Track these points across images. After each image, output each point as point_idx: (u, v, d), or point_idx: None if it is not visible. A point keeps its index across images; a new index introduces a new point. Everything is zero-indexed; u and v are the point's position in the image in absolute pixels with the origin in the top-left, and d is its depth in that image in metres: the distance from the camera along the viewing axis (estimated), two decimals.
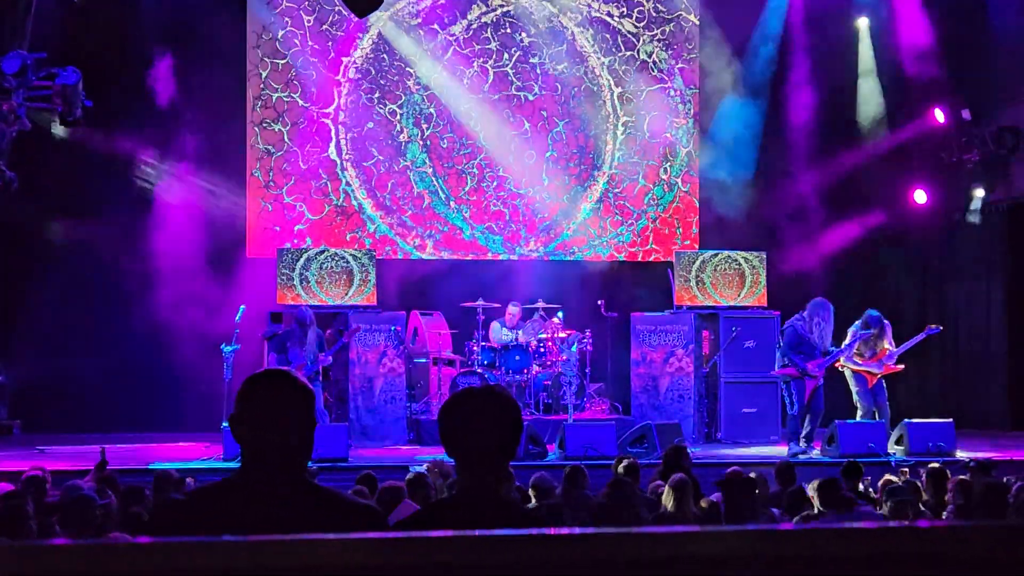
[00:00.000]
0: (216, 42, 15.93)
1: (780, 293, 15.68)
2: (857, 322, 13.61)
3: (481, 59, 17.14)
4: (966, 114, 16.38)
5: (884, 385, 13.54)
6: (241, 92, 16.48)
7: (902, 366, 13.67)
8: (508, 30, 17.18)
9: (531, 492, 8.11)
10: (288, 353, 13.10)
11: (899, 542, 1.59)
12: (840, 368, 13.62)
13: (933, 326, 14.01)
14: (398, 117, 16.97)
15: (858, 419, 13.37)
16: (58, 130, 13.89)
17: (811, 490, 7.91)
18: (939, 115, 16.78)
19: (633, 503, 7.27)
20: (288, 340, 13.19)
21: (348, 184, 16.83)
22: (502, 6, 17.14)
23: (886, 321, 13.62)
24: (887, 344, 13.51)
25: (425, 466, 8.43)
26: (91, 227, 15.52)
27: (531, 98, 17.24)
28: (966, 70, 16.57)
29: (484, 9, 17.13)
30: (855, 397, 13.53)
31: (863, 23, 17.27)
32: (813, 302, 13.37)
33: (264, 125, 16.60)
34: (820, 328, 13.16)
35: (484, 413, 3.18)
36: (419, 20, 16.94)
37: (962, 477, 8.56)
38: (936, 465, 9.27)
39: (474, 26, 17.11)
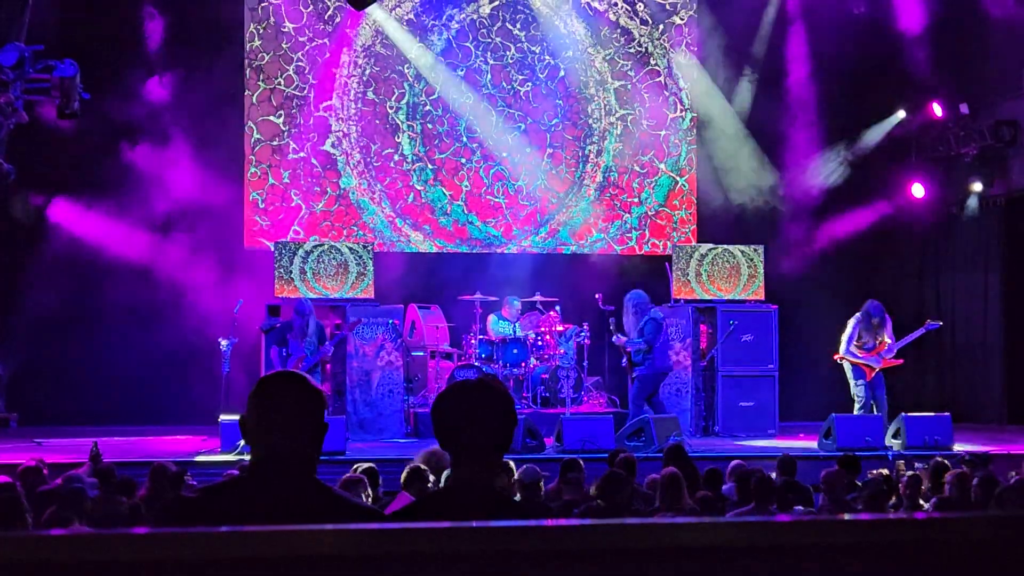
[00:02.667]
0: (214, 33, 15.94)
1: (778, 287, 15.71)
2: (857, 313, 13.64)
3: (479, 52, 17.13)
4: (964, 108, 16.38)
5: (883, 379, 13.56)
6: (239, 83, 16.46)
7: (901, 360, 13.70)
8: (506, 24, 17.18)
9: (516, 486, 7.76)
10: (288, 345, 13.12)
11: (889, 532, 1.61)
12: (839, 361, 13.65)
13: (933, 321, 14.02)
14: (396, 111, 16.96)
15: (855, 412, 13.40)
16: (55, 122, 13.86)
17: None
18: (937, 109, 16.79)
19: (626, 497, 7.25)
20: (288, 332, 13.20)
21: (346, 177, 16.83)
22: (501, 4, 17.14)
23: (887, 314, 13.65)
24: (887, 337, 13.54)
25: (420, 456, 8.39)
26: (88, 219, 15.53)
27: (529, 91, 17.23)
28: (964, 64, 16.57)
29: (482, 2, 17.12)
30: (853, 390, 13.55)
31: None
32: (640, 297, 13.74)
33: (262, 117, 16.58)
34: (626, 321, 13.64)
35: (478, 406, 3.19)
36: (417, 13, 16.93)
37: (959, 471, 8.58)
38: (940, 459, 9.30)
39: (472, 20, 17.10)
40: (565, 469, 8.63)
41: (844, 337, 13.60)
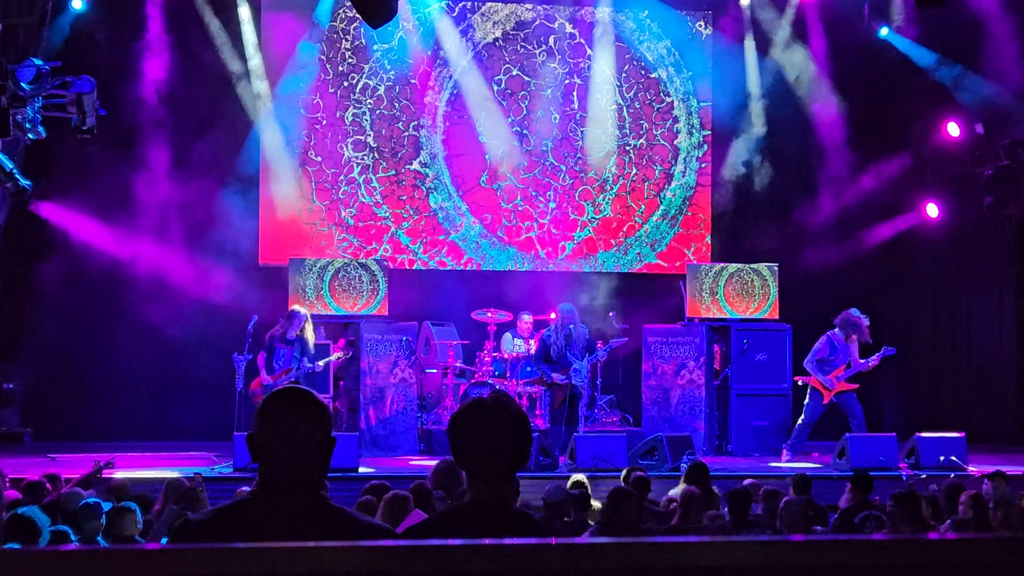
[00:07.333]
0: (232, 54, 16.01)
1: (792, 305, 15.67)
2: (832, 330, 13.81)
3: (495, 75, 17.16)
4: (980, 128, 16.35)
5: (856, 399, 13.71)
6: (257, 99, 16.48)
7: (856, 385, 13.80)
8: (522, 47, 17.21)
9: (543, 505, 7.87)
10: (275, 352, 13.29)
11: (905, 553, 1.60)
12: (800, 382, 13.89)
13: (889, 347, 14.03)
14: (413, 129, 16.99)
15: (797, 425, 13.87)
16: (72, 138, 13.91)
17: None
18: (953, 128, 16.76)
19: (633, 516, 7.22)
20: (277, 340, 13.35)
21: (362, 194, 16.85)
22: (516, 25, 17.17)
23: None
24: (852, 359, 13.74)
25: (435, 469, 8.39)
26: (103, 234, 15.57)
27: (544, 113, 17.24)
28: (980, 83, 16.53)
29: (498, 28, 17.16)
30: (804, 408, 13.78)
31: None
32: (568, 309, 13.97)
33: (279, 133, 16.58)
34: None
35: (493, 423, 3.18)
36: (435, 35, 16.96)
37: (973, 491, 8.55)
38: (953, 479, 9.28)
39: (486, 41, 17.14)
40: (572, 487, 8.62)
41: (861, 356, 13.73)
